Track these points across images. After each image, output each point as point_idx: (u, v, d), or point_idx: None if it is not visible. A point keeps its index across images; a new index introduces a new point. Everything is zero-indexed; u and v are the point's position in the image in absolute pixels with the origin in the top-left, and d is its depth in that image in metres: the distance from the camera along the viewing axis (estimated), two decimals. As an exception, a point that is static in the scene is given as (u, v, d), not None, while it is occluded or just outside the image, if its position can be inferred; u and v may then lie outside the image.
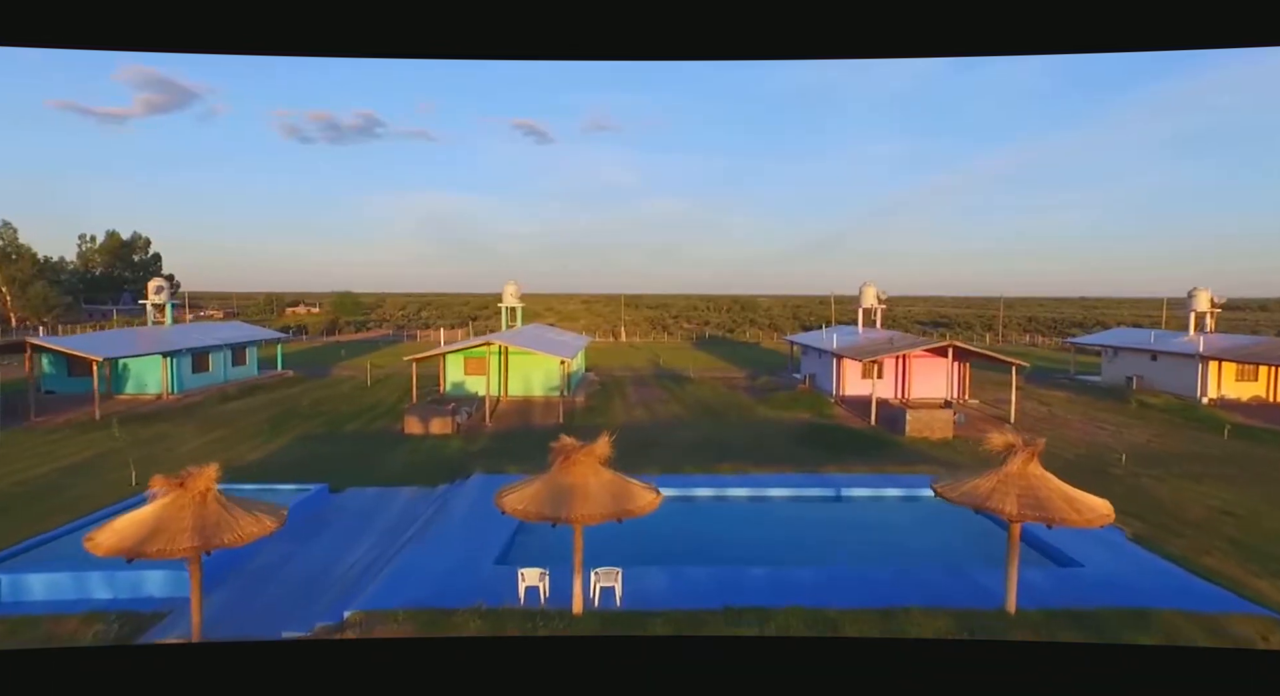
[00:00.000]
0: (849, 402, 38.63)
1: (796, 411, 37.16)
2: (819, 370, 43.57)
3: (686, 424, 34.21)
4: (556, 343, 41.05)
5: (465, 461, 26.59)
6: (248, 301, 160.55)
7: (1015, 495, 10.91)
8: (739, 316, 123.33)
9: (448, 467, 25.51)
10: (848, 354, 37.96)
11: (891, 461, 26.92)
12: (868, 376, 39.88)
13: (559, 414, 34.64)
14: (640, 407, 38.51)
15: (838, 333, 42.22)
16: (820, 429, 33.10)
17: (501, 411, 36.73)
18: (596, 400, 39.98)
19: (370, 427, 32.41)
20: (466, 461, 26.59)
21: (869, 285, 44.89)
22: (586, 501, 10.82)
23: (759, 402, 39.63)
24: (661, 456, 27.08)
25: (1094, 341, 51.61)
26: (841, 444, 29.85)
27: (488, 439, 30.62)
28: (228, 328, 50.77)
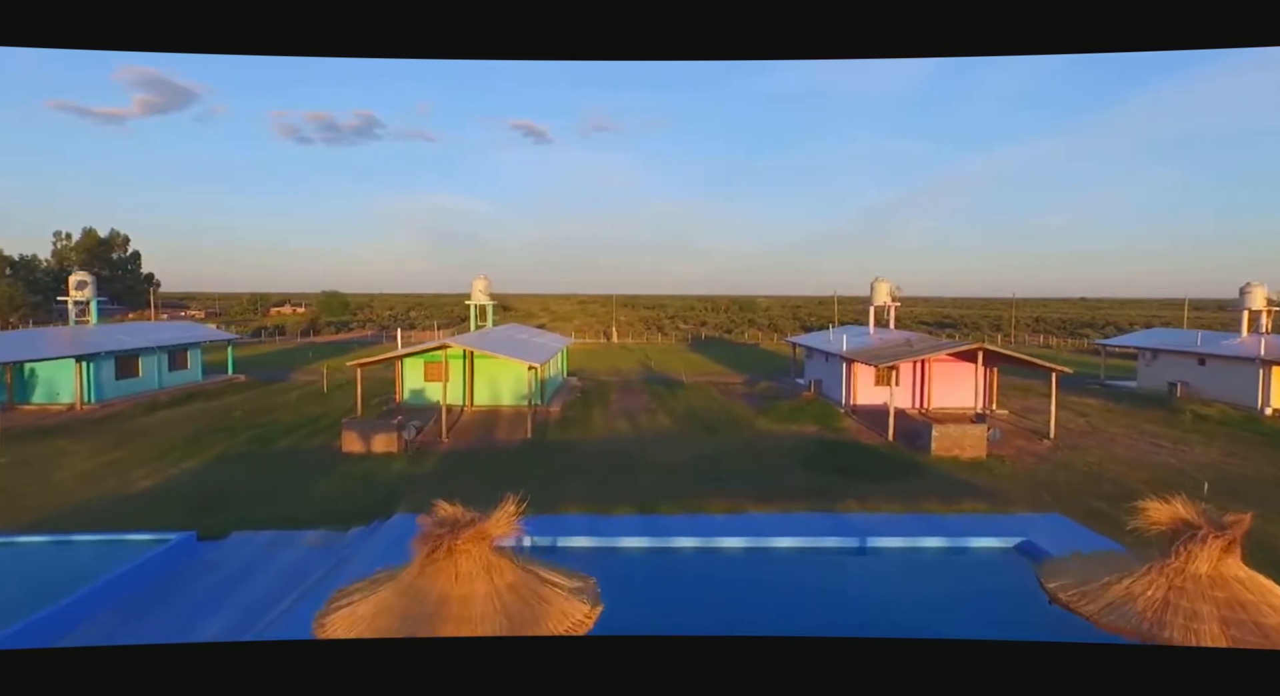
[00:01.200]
0: (861, 413, 34.01)
1: (801, 424, 32.54)
2: (826, 376, 38.95)
3: (673, 440, 29.56)
4: (529, 345, 36.45)
5: (403, 490, 21.94)
6: (231, 302, 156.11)
7: (1215, 615, 6.15)
8: (737, 317, 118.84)
9: (380, 499, 20.86)
10: (860, 358, 33.35)
11: (922, 492, 22.27)
12: (882, 383, 35.25)
13: (528, 427, 30.02)
14: (622, 419, 33.87)
15: (847, 334, 37.71)
16: (830, 446, 28.46)
17: (464, 424, 32.08)
18: (574, 410, 35.35)
19: (306, 444, 27.73)
20: (405, 490, 21.95)
21: (881, 281, 40.26)
22: (464, 624, 6.25)
23: (758, 413, 35.01)
24: (639, 485, 22.44)
25: (1127, 343, 46.93)
26: (856, 466, 25.21)
27: (439, 459, 25.96)
28: (168, 327, 46.00)
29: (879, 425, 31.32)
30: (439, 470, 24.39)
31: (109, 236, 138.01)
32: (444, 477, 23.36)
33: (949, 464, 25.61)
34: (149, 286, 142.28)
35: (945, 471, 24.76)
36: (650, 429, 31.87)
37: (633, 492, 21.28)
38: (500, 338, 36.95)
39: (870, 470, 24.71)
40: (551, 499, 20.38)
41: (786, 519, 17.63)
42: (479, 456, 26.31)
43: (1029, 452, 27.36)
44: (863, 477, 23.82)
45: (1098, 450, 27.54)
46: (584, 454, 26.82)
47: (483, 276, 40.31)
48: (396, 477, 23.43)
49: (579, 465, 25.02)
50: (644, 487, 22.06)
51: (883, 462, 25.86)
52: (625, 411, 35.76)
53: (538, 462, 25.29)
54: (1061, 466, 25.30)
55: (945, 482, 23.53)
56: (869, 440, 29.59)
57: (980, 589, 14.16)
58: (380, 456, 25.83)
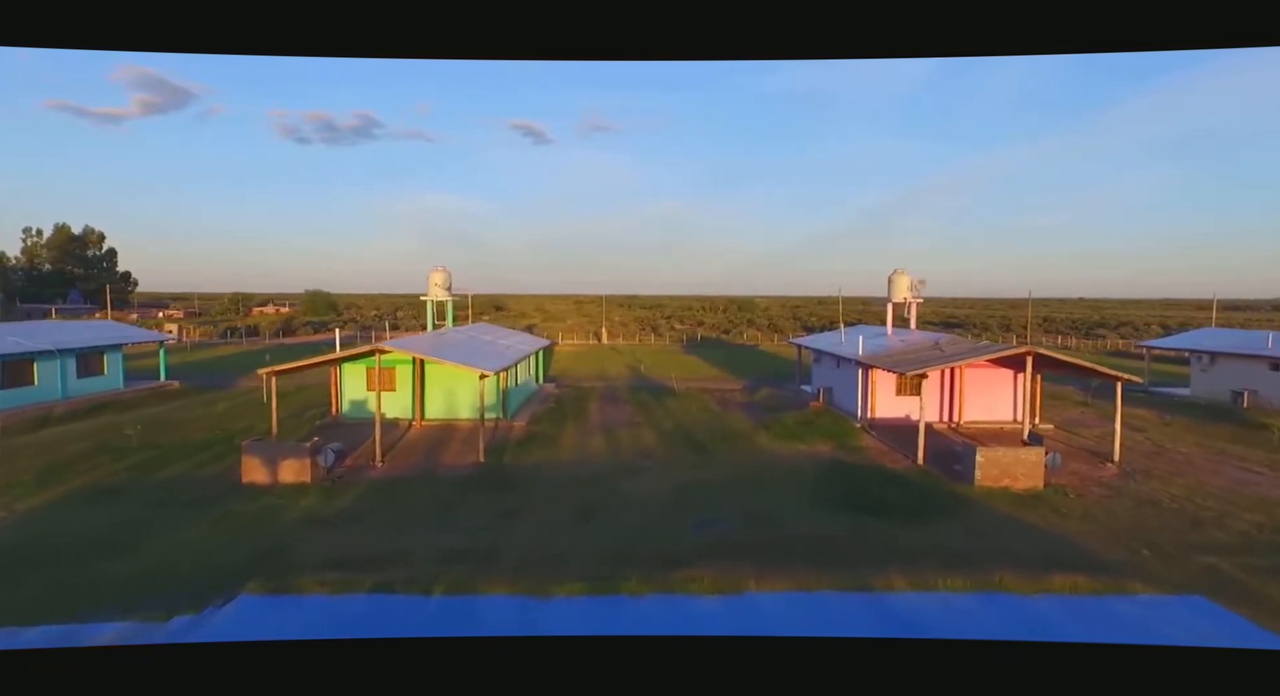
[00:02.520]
0: (881, 429, 28.83)
1: (811, 441, 27.35)
2: (837, 383, 33.77)
3: (657, 464, 24.37)
4: (490, 349, 31.26)
5: (295, 541, 16.75)
6: (214, 301, 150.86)
7: None
8: (736, 317, 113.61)
9: (257, 555, 15.68)
10: (881, 363, 28.15)
11: (976, 542, 17.11)
12: (906, 393, 30.08)
13: (484, 447, 24.82)
14: (599, 435, 28.66)
15: (861, 334, 32.67)
16: (848, 473, 23.27)
17: (408, 443, 26.87)
18: (543, 424, 30.13)
19: (201, 471, 22.50)
20: (297, 541, 16.75)
21: (900, 273, 35.06)
22: None
23: (759, 428, 29.82)
24: (602, 535, 17.26)
25: (1176, 344, 41.74)
26: (884, 502, 20.03)
27: (360, 492, 20.76)
28: (78, 327, 40.56)
29: (905, 444, 26.14)
30: (353, 509, 19.17)
31: (83, 233, 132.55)
32: (354, 521, 18.15)
33: (1000, 498, 20.42)
34: (125, 285, 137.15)
35: (997, 509, 19.58)
36: (630, 449, 26.67)
37: (590, 549, 16.09)
38: (458, 340, 31.78)
39: (903, 508, 19.52)
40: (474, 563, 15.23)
41: (803, 599, 12.52)
42: (410, 489, 21.10)
43: (1093, 481, 22.18)
44: (895, 518, 18.65)
45: (1179, 478, 22.35)
46: (541, 485, 21.64)
47: (441, 269, 35.07)
48: (296, 520, 18.22)
49: (530, 502, 19.84)
50: (608, 540, 16.88)
51: (917, 497, 20.66)
52: (604, 426, 30.55)
53: (479, 499, 20.10)
54: (1143, 501, 20.10)
55: (1001, 526, 18.35)
56: (894, 464, 24.39)
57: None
58: (288, 488, 20.61)
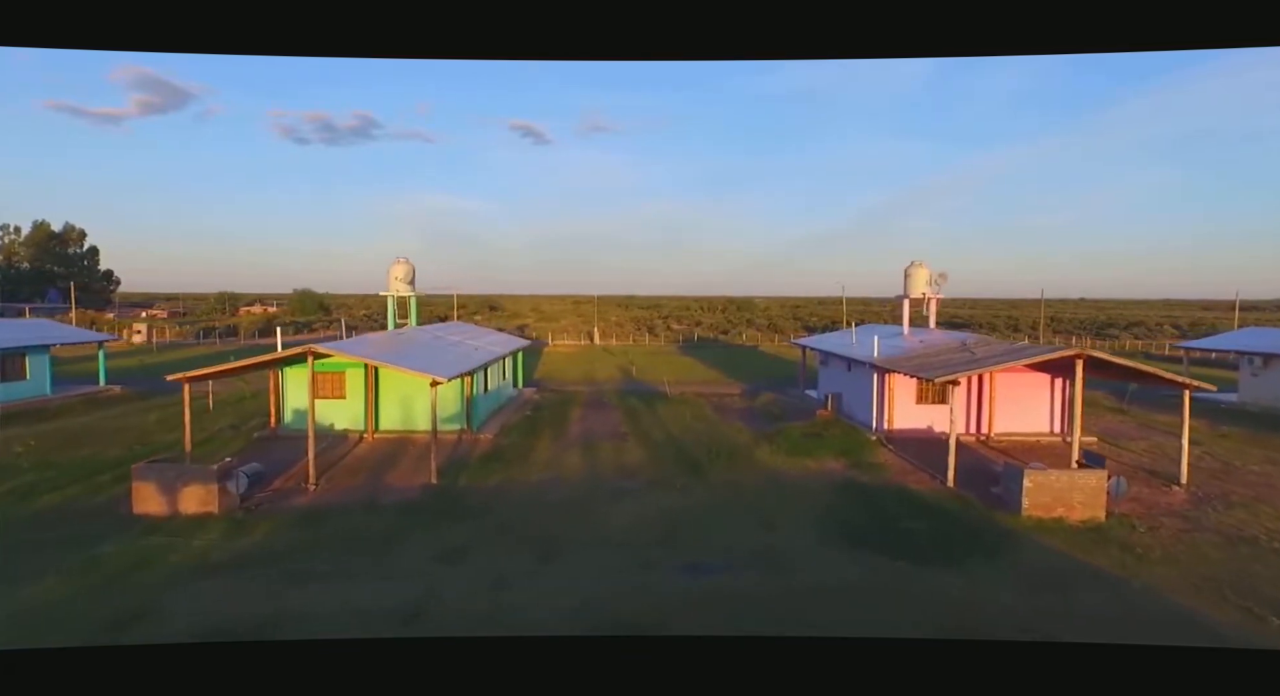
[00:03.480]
0: (900, 442, 25.17)
1: (820, 457, 23.69)
2: (847, 389, 30.12)
3: (642, 487, 20.71)
4: (455, 351, 27.55)
5: (170, 601, 13.05)
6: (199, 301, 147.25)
7: None
8: (734, 317, 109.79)
9: (108, 626, 12.02)
10: (901, 367, 24.47)
11: (1044, 608, 13.43)
12: (928, 401, 26.45)
13: (437, 466, 21.15)
14: (578, 450, 24.97)
15: (876, 334, 29.07)
16: (866, 498, 19.62)
17: (354, 460, 23.19)
18: (515, 436, 26.44)
19: (89, 500, 18.72)
20: (172, 600, 13.05)
21: (918, 265, 31.38)
22: None
23: (760, 440, 26.16)
24: (564, 582, 13.56)
25: (1218, 346, 38.06)
26: (912, 538, 16.39)
27: (278, 525, 17.07)
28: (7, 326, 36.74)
29: (929, 460, 22.49)
30: (259, 549, 15.48)
31: (63, 230, 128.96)
32: (254, 567, 14.45)
33: (1054, 532, 16.76)
34: (108, 284, 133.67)
35: (1053, 547, 15.92)
36: (612, 466, 23.00)
37: (547, 606, 12.36)
38: (418, 341, 28.06)
39: (936, 546, 15.87)
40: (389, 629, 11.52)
41: None
42: (339, 520, 17.42)
43: (1162, 509, 18.53)
44: (927, 560, 15.02)
45: (1264, 506, 18.67)
46: (500, 514, 17.97)
47: (402, 261, 31.29)
48: (181, 567, 14.52)
49: (482, 537, 16.16)
50: (572, 591, 13.19)
51: (952, 531, 17.01)
52: (584, 438, 26.87)
53: (420, 533, 16.41)
54: (1233, 537, 16.43)
55: (1063, 573, 14.70)
56: (918, 485, 20.73)
57: None
58: (187, 521, 16.93)
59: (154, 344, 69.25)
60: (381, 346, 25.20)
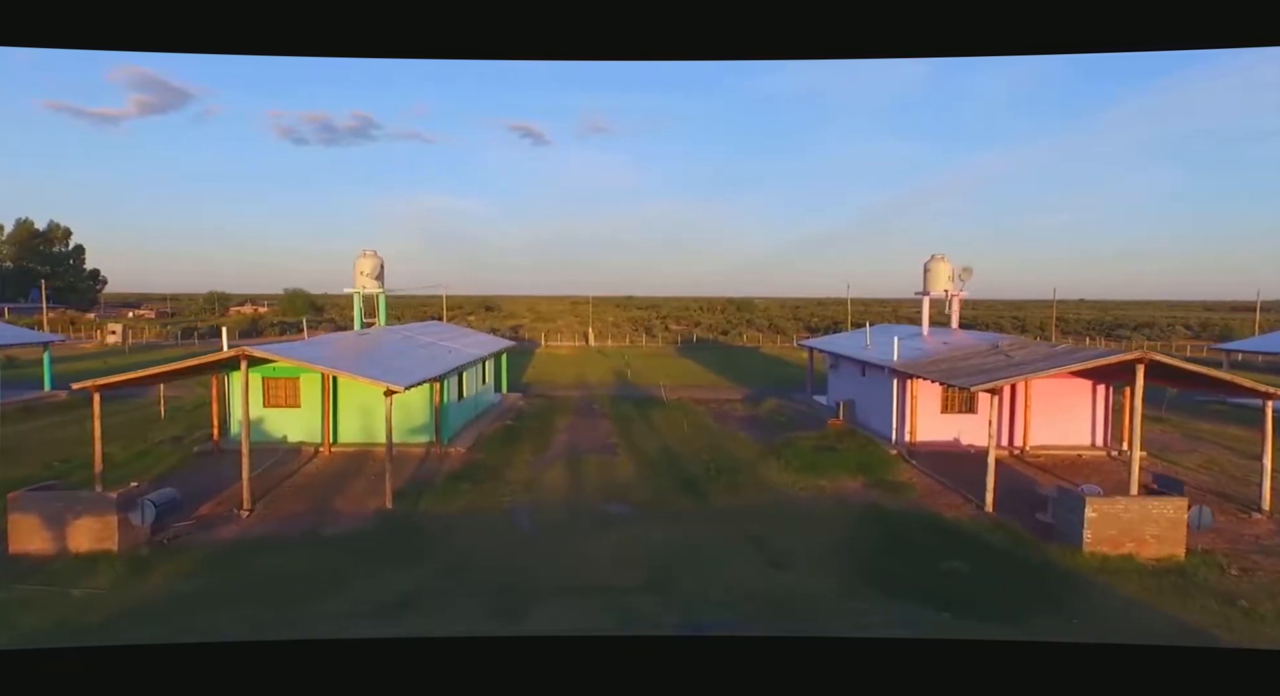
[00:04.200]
0: (924, 457, 22.24)
1: (836, 476, 20.77)
2: (862, 395, 27.17)
3: (630, 513, 17.77)
4: (423, 354, 24.55)
5: None
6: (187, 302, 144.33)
7: None
8: (734, 317, 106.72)
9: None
10: (926, 372, 21.51)
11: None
12: (954, 410, 23.55)
13: (393, 488, 18.19)
14: (560, 467, 22.03)
15: (894, 335, 26.13)
16: (895, 529, 16.67)
17: (303, 479, 20.23)
18: (491, 449, 23.48)
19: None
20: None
21: (940, 260, 28.39)
22: None
23: (767, 453, 23.24)
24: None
25: (1267, 348, 35.05)
26: (958, 584, 13.44)
27: (188, 566, 14.09)
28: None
29: (960, 479, 19.56)
30: (153, 602, 12.48)
31: (47, 228, 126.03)
32: (140, 626, 11.48)
33: (1125, 573, 13.82)
34: (94, 283, 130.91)
35: (1130, 597, 12.97)
36: (598, 486, 20.07)
37: None
38: (381, 343, 25.03)
39: (990, 594, 12.93)
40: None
41: None
42: (266, 558, 14.45)
43: (1249, 543, 15.60)
44: (978, 613, 12.09)
45: (1368, 538, 15.74)
46: (460, 550, 15.01)
47: (369, 254, 28.15)
48: (42, 628, 11.54)
49: (435, 582, 13.19)
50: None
51: (1004, 572, 14.06)
52: (569, 452, 23.93)
53: (361, 578, 13.45)
54: (1347, 584, 13.48)
55: (1150, 631, 11.76)
56: (952, 511, 17.79)
57: None
58: (77, 561, 13.96)
59: (127, 345, 66.24)
60: (336, 349, 22.25)
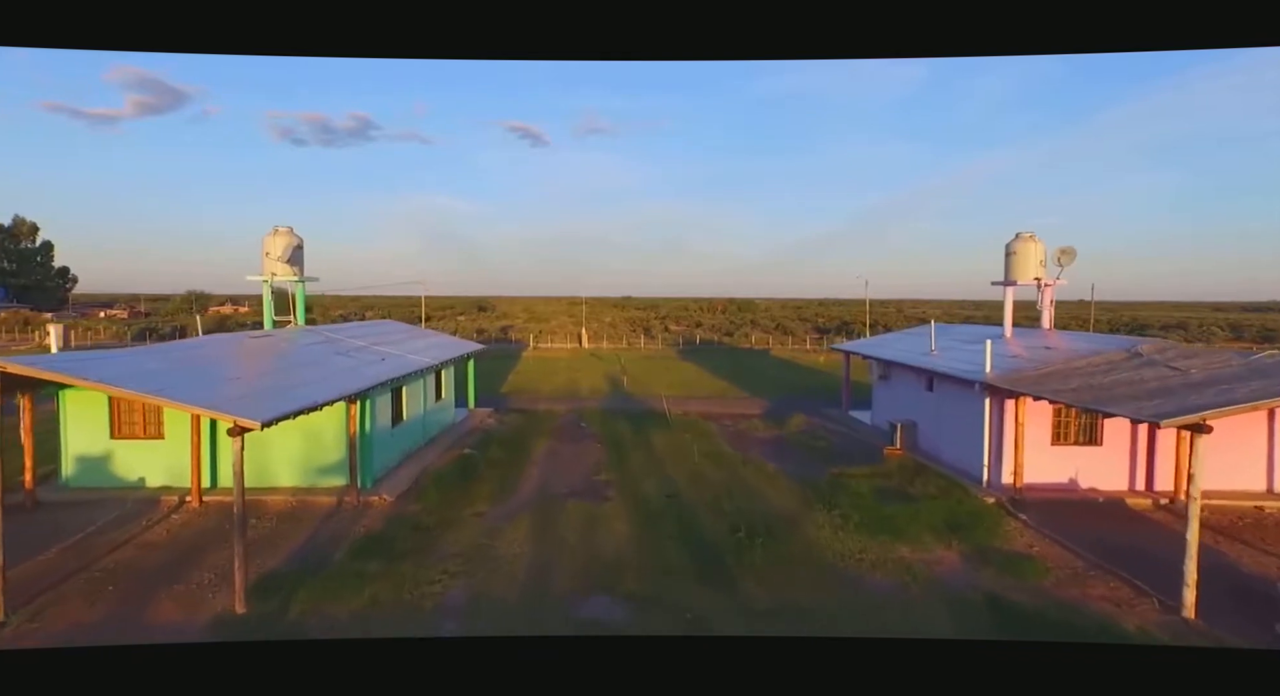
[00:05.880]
0: (1036, 506, 15.91)
1: (918, 539, 14.46)
2: (928, 416, 20.88)
3: (622, 616, 11.37)
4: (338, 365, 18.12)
5: None
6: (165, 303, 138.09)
7: None
8: (737, 318, 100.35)
9: None
10: (1052, 391, 15.12)
11: None
12: (1068, 440, 17.26)
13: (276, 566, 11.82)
14: (525, 525, 15.61)
15: (966, 338, 19.84)
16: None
17: (137, 551, 13.83)
18: (430, 496, 17.10)
19: None
20: None
21: (1027, 238, 21.98)
22: None
23: (812, 501, 16.92)
24: None
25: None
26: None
27: None
28: None
29: (1106, 548, 13.24)
30: None
31: (12, 224, 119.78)
32: None
33: None
34: (63, 282, 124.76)
35: None
36: (575, 563, 13.71)
37: None
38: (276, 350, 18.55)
39: None
40: None
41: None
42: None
43: None
44: None
45: None
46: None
47: (282, 231, 21.36)
48: None
49: None
50: None
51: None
52: (540, 498, 17.56)
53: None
54: None
55: None
56: (1118, 608, 11.44)
57: None
58: None
59: (70, 347, 59.83)
60: (181, 359, 15.75)
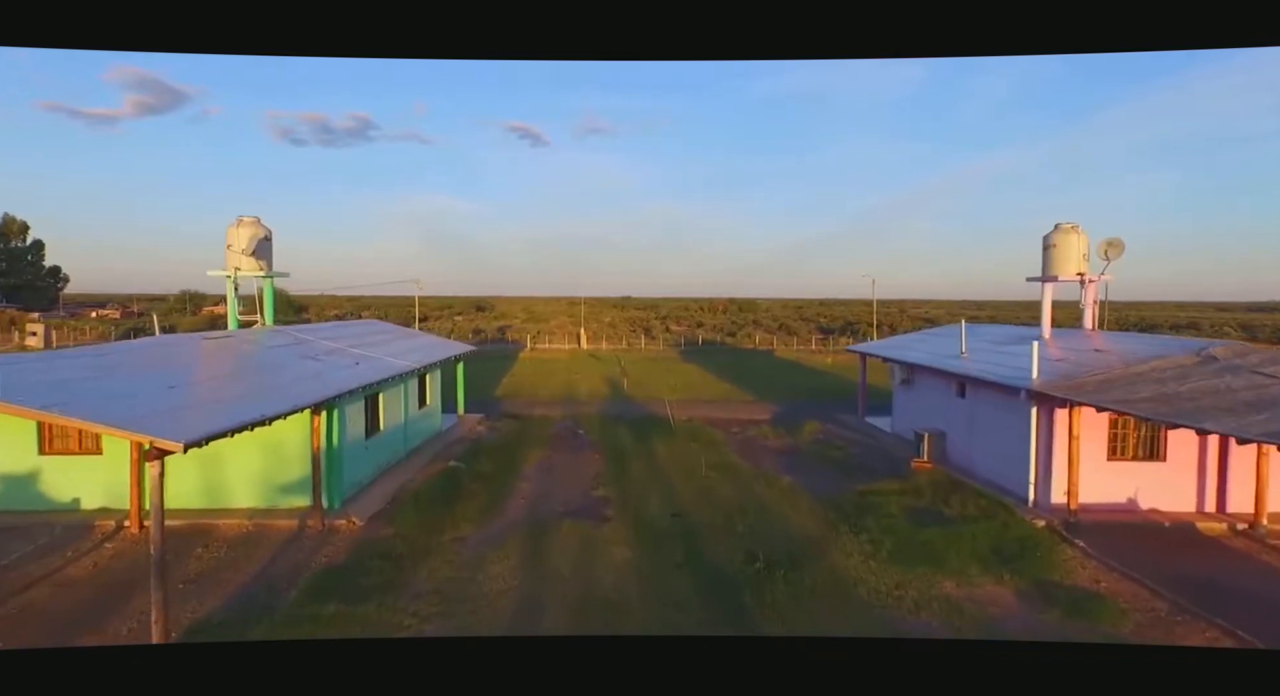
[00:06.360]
0: (1093, 531, 14.01)
1: (962, 570, 12.54)
2: (959, 425, 18.96)
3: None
4: (310, 367, 16.18)
5: None
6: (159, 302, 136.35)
7: None
8: (738, 318, 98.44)
9: None
10: (1121, 403, 13.19)
11: None
12: (1127, 455, 15.34)
13: (220, 602, 9.90)
14: (512, 554, 13.66)
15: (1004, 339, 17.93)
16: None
17: (57, 589, 11.90)
18: (406, 518, 15.15)
19: None
20: None
21: (1069, 229, 20.04)
22: None
23: (836, 521, 15.01)
24: None
25: None
26: None
27: None
28: None
29: (1187, 584, 11.32)
30: None
31: (2, 223, 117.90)
32: None
33: None
34: (54, 281, 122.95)
35: None
36: (568, 599, 11.77)
37: None
38: (234, 354, 16.56)
39: None
40: None
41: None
42: None
43: None
44: None
45: None
46: None
47: (247, 221, 19.34)
48: None
49: None
50: None
51: None
52: (531, 520, 15.63)
53: None
54: None
55: None
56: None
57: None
58: None
59: (53, 347, 57.94)
60: (102, 366, 13.75)
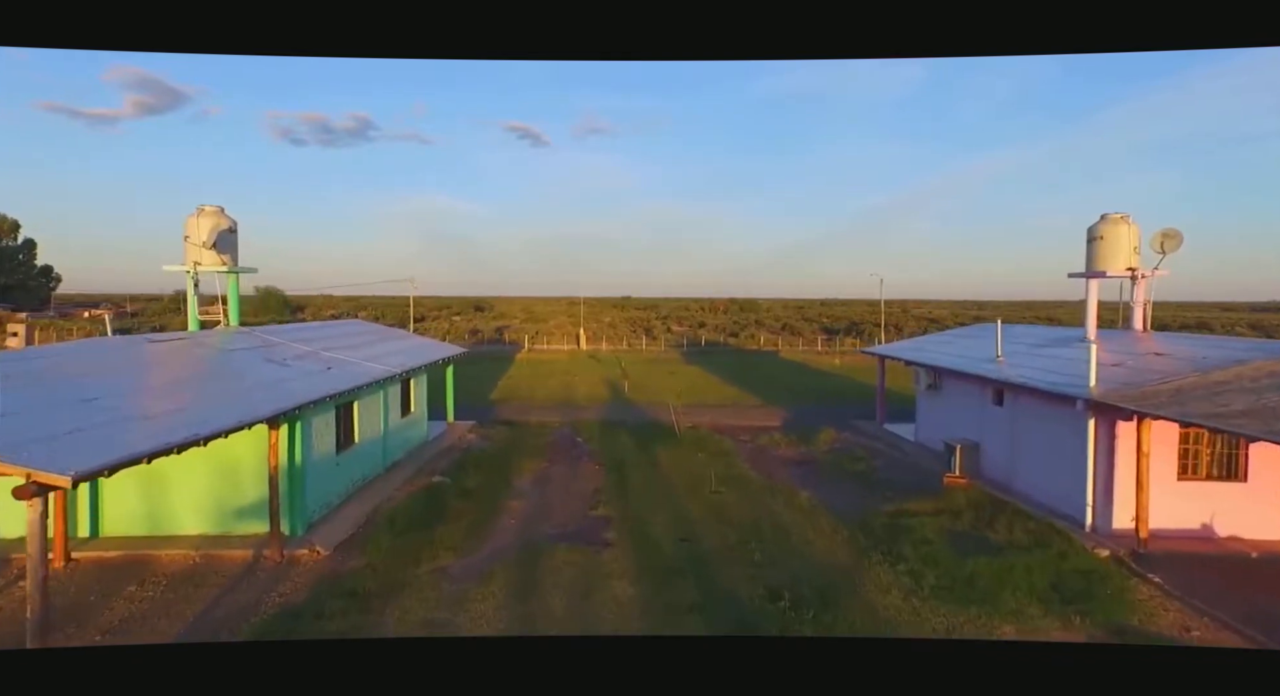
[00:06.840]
0: (1166, 562, 12.20)
1: (1022, 613, 10.72)
2: (996, 437, 17.16)
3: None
4: (272, 373, 14.39)
5: None
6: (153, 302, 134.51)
7: None
8: (740, 318, 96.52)
9: None
10: (1182, 412, 11.38)
11: None
12: (1200, 474, 13.49)
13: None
14: (499, 589, 11.84)
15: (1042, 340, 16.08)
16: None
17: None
18: (380, 546, 13.34)
19: None
20: None
21: (1117, 220, 18.15)
22: None
23: (867, 549, 13.20)
24: None
25: None
26: None
27: None
28: None
29: (1252, 617, 9.50)
30: None
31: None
32: None
33: None
34: (46, 281, 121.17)
35: None
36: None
37: None
38: (178, 360, 14.70)
39: None
40: None
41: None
42: None
43: None
44: None
45: None
46: None
47: (208, 211, 17.56)
48: None
49: None
50: None
51: None
52: (522, 545, 13.81)
53: None
54: None
55: None
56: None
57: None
58: None
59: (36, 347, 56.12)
60: (5, 373, 11.99)
